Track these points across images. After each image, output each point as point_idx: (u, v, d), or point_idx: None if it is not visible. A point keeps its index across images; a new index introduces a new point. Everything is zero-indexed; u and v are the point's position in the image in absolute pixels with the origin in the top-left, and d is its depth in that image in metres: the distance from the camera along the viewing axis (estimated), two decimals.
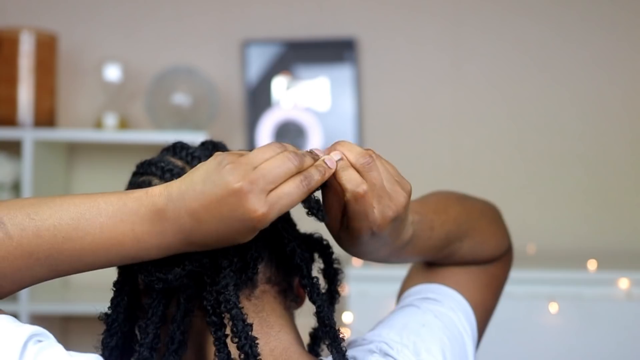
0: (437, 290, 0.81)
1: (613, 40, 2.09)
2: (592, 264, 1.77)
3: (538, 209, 2.09)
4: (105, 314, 0.68)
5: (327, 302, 0.72)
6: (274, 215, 0.58)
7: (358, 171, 0.63)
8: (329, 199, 0.65)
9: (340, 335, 0.66)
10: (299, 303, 0.75)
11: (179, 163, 0.74)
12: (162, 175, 0.72)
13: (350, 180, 0.62)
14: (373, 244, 0.66)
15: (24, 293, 1.81)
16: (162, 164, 0.73)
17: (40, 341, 0.56)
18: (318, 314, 0.67)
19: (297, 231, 0.75)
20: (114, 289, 0.69)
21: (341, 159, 0.63)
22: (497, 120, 2.11)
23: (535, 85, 2.10)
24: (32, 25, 1.96)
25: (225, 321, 0.64)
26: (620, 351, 1.67)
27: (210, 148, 0.77)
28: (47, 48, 1.90)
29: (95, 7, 2.13)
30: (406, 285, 0.88)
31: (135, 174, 0.76)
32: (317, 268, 0.75)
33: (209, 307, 0.65)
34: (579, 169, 2.09)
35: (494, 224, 0.88)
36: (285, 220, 0.71)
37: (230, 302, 0.63)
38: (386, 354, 0.71)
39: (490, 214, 0.89)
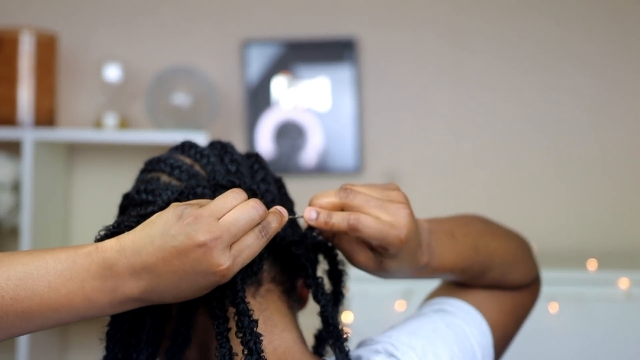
0: (454, 304, 0.81)
1: (614, 40, 2.09)
2: (592, 264, 1.77)
3: (538, 209, 2.09)
4: None
5: (332, 303, 0.72)
6: (236, 268, 0.58)
7: (344, 206, 0.66)
8: (349, 248, 0.68)
9: (344, 335, 0.67)
10: (301, 305, 0.76)
11: (188, 160, 0.74)
12: (171, 172, 0.72)
13: (340, 219, 0.64)
14: (404, 256, 0.67)
15: None
16: (171, 161, 0.73)
17: None
18: (322, 313, 0.68)
19: (302, 234, 0.75)
20: None
21: (319, 213, 0.65)
22: (497, 120, 2.11)
23: (535, 85, 2.10)
24: (32, 25, 1.96)
25: (229, 316, 0.64)
26: (620, 351, 1.67)
27: (219, 148, 0.77)
28: (47, 48, 1.90)
29: (95, 7, 2.13)
30: (429, 296, 0.88)
31: (143, 171, 0.76)
32: (321, 270, 0.75)
33: (214, 301, 0.64)
34: (579, 168, 2.09)
35: (523, 250, 0.87)
36: (290, 222, 0.71)
37: (238, 297, 0.63)
38: (391, 355, 0.71)
39: (518, 240, 0.88)
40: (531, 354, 1.69)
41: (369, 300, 1.71)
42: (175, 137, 1.85)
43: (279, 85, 2.10)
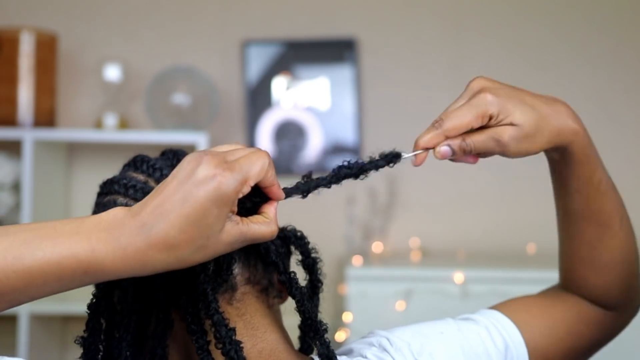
0: (487, 314, 0.77)
1: (613, 40, 2.09)
2: None
3: (538, 209, 2.09)
4: (82, 337, 0.67)
5: (309, 294, 0.72)
6: (236, 177, 0.56)
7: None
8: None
9: (324, 327, 0.66)
10: (283, 298, 0.75)
11: (141, 177, 0.72)
12: (126, 192, 0.70)
13: (454, 148, 0.73)
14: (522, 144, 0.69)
15: None
16: (125, 181, 0.71)
17: None
18: (299, 308, 0.67)
19: None
20: (89, 311, 0.67)
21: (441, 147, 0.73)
22: None
23: (534, 85, 2.09)
24: (32, 25, 1.96)
25: (207, 329, 0.63)
26: (620, 351, 1.66)
27: (171, 157, 0.75)
28: (47, 48, 1.90)
29: (95, 7, 2.13)
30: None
31: (99, 195, 0.74)
32: (295, 260, 0.75)
33: (188, 316, 0.64)
34: None
35: (634, 264, 0.79)
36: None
37: (211, 308, 0.62)
38: (384, 350, 0.71)
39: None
40: None
41: (368, 301, 1.71)
42: (175, 137, 1.85)
43: (279, 85, 2.10)
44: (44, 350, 1.93)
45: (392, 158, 0.72)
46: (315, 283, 0.74)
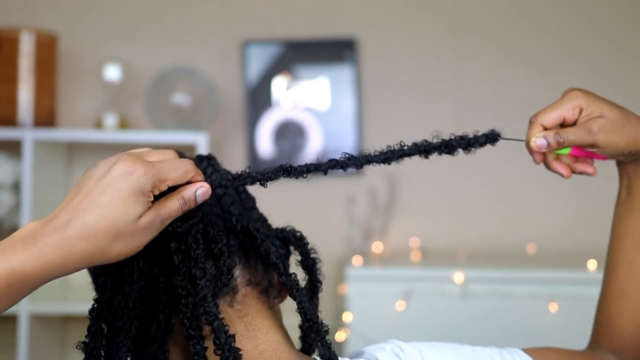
0: (508, 349, 0.79)
1: (613, 43, 2.09)
2: (592, 264, 1.77)
3: (538, 209, 2.09)
4: (83, 342, 0.66)
5: (309, 295, 0.72)
6: (154, 174, 0.59)
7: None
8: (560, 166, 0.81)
9: (325, 329, 0.67)
10: (282, 297, 0.75)
11: None
12: None
13: (549, 140, 0.79)
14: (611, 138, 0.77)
15: None
16: None
17: None
18: (300, 309, 0.68)
19: (268, 228, 0.75)
20: (90, 316, 0.68)
21: (546, 138, 0.78)
22: (497, 120, 2.11)
23: (534, 85, 2.10)
24: (32, 25, 1.96)
25: (206, 333, 0.63)
26: None
27: None
28: (47, 48, 1.90)
29: (95, 7, 2.13)
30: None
31: None
32: (295, 260, 0.75)
33: (186, 321, 0.64)
34: None
35: None
36: (255, 220, 0.70)
37: (211, 314, 0.62)
38: (396, 355, 0.71)
39: None
40: None
41: (369, 301, 1.71)
42: (175, 137, 1.85)
43: (279, 85, 2.10)
44: (44, 350, 1.93)
45: (492, 138, 0.81)
46: (314, 283, 0.75)
